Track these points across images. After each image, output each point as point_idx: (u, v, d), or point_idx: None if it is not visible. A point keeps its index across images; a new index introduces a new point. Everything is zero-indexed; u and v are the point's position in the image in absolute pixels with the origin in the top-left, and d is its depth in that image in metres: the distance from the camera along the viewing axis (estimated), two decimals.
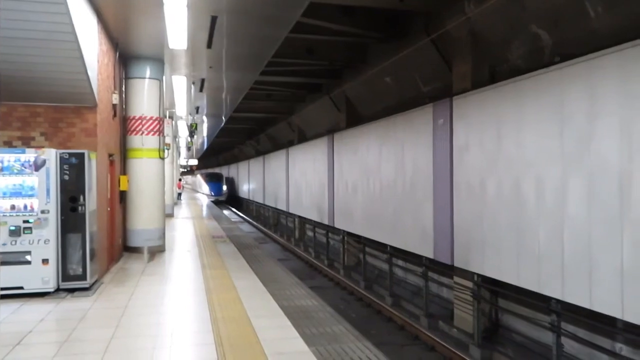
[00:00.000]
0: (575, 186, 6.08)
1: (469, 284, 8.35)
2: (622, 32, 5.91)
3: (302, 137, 21.29)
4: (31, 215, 6.35)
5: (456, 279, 8.98)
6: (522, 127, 7.03)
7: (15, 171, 6.35)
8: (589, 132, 5.90)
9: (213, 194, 41.07)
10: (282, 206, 23.70)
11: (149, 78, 9.90)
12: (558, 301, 6.32)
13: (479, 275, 8.03)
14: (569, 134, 6.19)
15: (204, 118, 20.23)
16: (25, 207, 6.36)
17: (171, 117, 17.82)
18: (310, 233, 19.42)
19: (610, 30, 6.19)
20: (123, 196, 9.72)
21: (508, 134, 7.34)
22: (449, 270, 9.16)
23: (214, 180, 42.96)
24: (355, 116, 14.96)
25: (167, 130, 15.76)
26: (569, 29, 6.82)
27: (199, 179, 48.95)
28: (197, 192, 48.75)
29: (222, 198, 41.48)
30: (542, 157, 6.64)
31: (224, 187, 42.75)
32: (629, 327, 5.76)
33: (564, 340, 6.48)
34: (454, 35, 8.89)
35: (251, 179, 35.17)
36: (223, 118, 20.71)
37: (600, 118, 5.75)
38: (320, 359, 4.17)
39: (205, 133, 27.09)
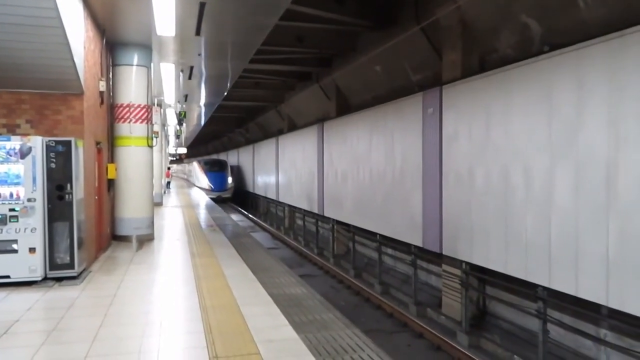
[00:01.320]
0: (563, 175, 6.14)
1: (457, 272, 8.43)
2: (610, 22, 5.93)
3: (292, 126, 21.22)
4: (17, 203, 6.27)
5: (445, 267, 9.06)
6: (511, 116, 7.07)
7: (1, 159, 6.26)
8: (576, 121, 5.94)
9: (214, 188, 31.48)
10: (271, 195, 23.68)
11: (137, 65, 9.77)
12: (544, 288, 6.41)
13: (467, 263, 8.11)
14: (557, 124, 6.23)
15: (193, 106, 20.07)
16: (11, 195, 6.27)
17: (159, 105, 17.66)
18: (299, 222, 19.45)
19: (599, 20, 6.21)
20: (111, 184, 9.63)
21: (497, 123, 7.37)
22: (438, 258, 9.24)
23: (215, 170, 32.91)
24: (345, 105, 14.93)
25: (156, 118, 15.62)
26: (559, 18, 6.84)
27: (195, 168, 36.77)
28: (194, 185, 36.29)
29: (226, 194, 32.12)
30: (530, 146, 6.69)
31: (229, 180, 32.88)
32: (613, 313, 5.86)
33: (550, 326, 6.59)
34: (443, 24, 8.87)
35: (241, 168, 35.04)
36: (212, 106, 20.56)
37: (588, 108, 5.79)
38: (310, 346, 4.20)
39: (194, 121, 26.90)
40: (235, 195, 33.49)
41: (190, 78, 13.11)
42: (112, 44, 9.53)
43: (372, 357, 3.99)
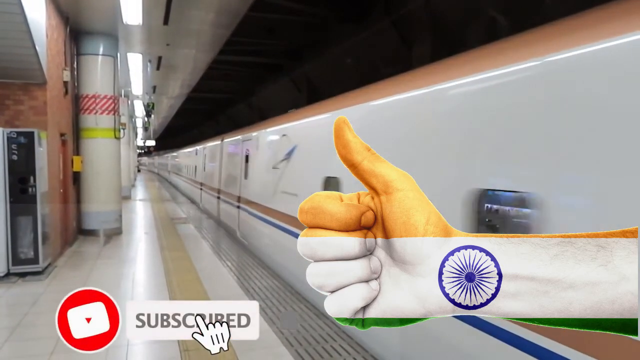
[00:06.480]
0: None
1: None
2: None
3: (263, 118, 21.09)
4: None
5: None
6: None
7: None
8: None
9: None
10: None
11: (103, 55, 9.52)
12: None
13: None
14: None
15: (162, 98, 19.72)
16: None
17: (127, 96, 17.27)
18: None
19: (564, 15, 6.36)
20: (77, 177, 9.39)
21: None
22: None
23: None
24: (316, 98, 14.91)
25: (123, 109, 15.29)
26: (525, 13, 6.97)
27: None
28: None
29: None
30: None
31: None
32: None
33: None
34: (413, 17, 8.94)
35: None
36: (182, 98, 20.25)
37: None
38: (282, 337, 4.20)
39: (163, 113, 26.43)
40: None
41: (158, 69, 12.87)
42: (77, 33, 9.25)
43: (344, 346, 4.03)
